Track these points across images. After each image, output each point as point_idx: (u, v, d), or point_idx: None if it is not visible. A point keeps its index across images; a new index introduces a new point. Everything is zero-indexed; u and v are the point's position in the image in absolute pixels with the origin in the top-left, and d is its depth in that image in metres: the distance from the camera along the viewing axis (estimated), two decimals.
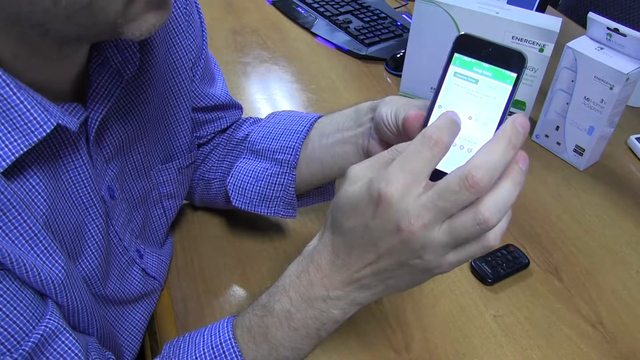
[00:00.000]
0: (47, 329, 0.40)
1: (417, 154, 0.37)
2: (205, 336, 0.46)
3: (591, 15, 0.81)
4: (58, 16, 0.35)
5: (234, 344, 0.45)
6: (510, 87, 0.40)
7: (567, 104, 0.84)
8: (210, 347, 0.45)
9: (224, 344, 0.45)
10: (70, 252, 0.46)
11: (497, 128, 0.40)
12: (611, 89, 0.78)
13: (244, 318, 0.46)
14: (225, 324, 0.47)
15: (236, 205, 0.64)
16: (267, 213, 0.63)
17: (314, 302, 0.42)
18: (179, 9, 0.56)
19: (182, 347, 0.47)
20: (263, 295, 0.46)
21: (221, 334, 0.46)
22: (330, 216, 0.42)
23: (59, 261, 0.42)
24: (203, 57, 0.62)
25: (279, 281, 0.45)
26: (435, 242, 0.37)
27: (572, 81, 0.82)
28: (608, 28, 0.79)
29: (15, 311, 0.38)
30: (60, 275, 0.42)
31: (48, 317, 0.41)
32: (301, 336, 0.44)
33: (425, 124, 0.42)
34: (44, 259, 0.41)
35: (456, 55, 0.41)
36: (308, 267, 0.43)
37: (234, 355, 0.44)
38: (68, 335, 0.42)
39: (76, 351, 0.42)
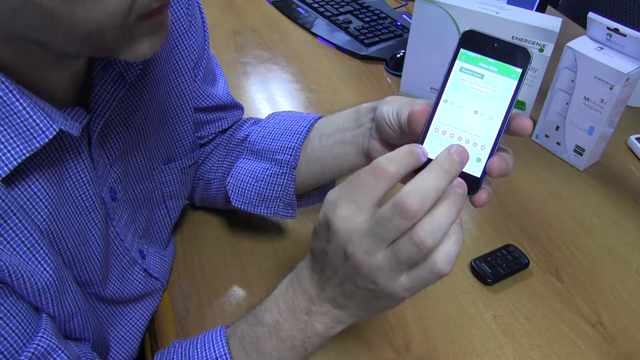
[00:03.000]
0: (40, 347, 0.40)
1: (361, 183, 0.38)
2: (199, 349, 0.47)
3: (591, 15, 0.81)
4: (57, 41, 0.36)
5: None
6: (515, 82, 0.40)
7: (567, 104, 0.84)
8: None
9: (219, 359, 0.46)
10: (72, 256, 0.46)
11: (503, 123, 0.40)
12: (611, 89, 0.78)
13: (236, 328, 0.47)
14: (219, 336, 0.47)
15: (236, 205, 0.64)
16: (267, 213, 0.63)
17: (299, 314, 0.44)
18: (181, 9, 0.56)
19: (174, 359, 0.47)
20: (256, 306, 0.47)
21: (216, 348, 0.46)
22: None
23: (53, 266, 0.42)
24: (205, 57, 0.62)
25: (271, 292, 0.47)
26: (381, 266, 0.38)
27: (572, 81, 0.82)
28: (608, 28, 0.79)
29: (7, 327, 0.38)
30: (57, 281, 0.42)
31: (40, 334, 0.40)
32: (287, 347, 0.45)
33: (430, 118, 0.42)
34: (45, 265, 0.41)
35: (462, 50, 0.41)
36: (293, 280, 0.45)
37: None
38: (60, 352, 0.41)
39: None
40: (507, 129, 0.41)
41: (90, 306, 0.49)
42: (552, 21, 0.82)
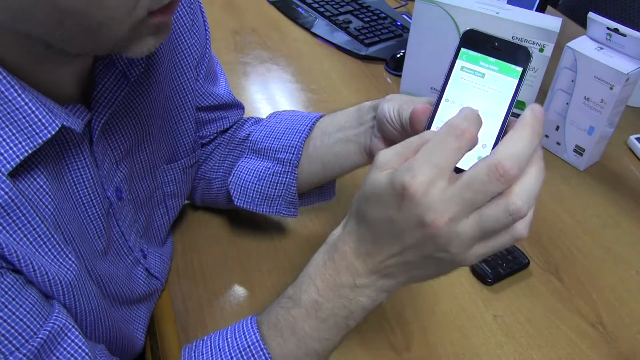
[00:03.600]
0: (56, 326, 0.40)
1: (442, 145, 0.36)
2: (229, 339, 0.45)
3: (591, 15, 0.81)
4: (63, 38, 0.36)
5: (262, 346, 0.44)
6: (516, 81, 0.41)
7: (567, 104, 0.84)
8: (238, 351, 0.44)
9: (252, 347, 0.44)
10: (79, 252, 0.46)
11: (503, 121, 0.41)
12: (611, 89, 0.78)
13: (269, 313, 0.45)
14: (250, 324, 0.45)
15: (238, 204, 0.64)
16: (269, 212, 0.63)
17: (341, 290, 0.42)
18: (183, 9, 0.56)
19: (203, 352, 0.46)
20: (289, 287, 0.45)
21: (247, 336, 0.44)
22: (355, 204, 0.41)
23: (68, 261, 0.42)
24: (207, 56, 0.62)
25: (304, 271, 0.44)
26: (463, 235, 0.36)
27: (572, 81, 0.82)
28: (608, 28, 0.79)
29: (21, 309, 0.38)
30: (68, 275, 0.42)
31: (55, 314, 0.40)
32: (329, 326, 0.43)
33: (432, 117, 0.42)
34: (49, 260, 0.41)
35: (463, 49, 0.42)
36: (333, 255, 0.42)
37: (263, 358, 0.43)
38: (77, 333, 0.41)
39: (87, 350, 0.41)
40: (506, 133, 0.41)
41: (106, 307, 0.49)
42: (552, 21, 0.82)
